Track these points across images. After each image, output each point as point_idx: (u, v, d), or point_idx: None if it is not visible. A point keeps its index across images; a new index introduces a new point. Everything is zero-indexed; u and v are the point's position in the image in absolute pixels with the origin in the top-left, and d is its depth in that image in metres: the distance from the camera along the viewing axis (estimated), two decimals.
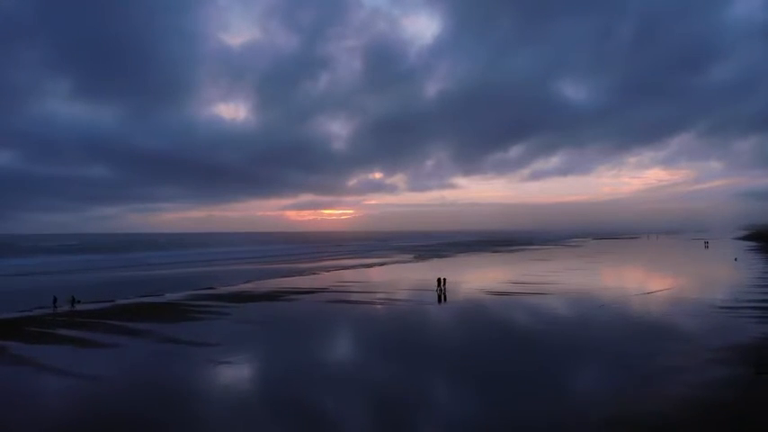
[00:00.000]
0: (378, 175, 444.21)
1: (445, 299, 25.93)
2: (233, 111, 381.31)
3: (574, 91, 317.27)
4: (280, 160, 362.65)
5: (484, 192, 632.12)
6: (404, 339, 16.38)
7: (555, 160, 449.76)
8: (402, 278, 35.62)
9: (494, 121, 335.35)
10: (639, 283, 30.50)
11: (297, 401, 10.54)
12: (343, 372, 12.76)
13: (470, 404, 10.51)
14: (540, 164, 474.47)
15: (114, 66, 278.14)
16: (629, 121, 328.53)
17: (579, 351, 14.29)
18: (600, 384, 11.63)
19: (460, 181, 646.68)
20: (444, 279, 28.41)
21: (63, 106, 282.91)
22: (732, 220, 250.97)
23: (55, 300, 24.72)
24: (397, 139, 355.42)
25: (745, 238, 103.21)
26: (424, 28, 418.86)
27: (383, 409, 10.15)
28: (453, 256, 66.46)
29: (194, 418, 9.87)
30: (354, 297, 25.97)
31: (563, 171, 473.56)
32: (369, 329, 18.32)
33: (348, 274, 39.59)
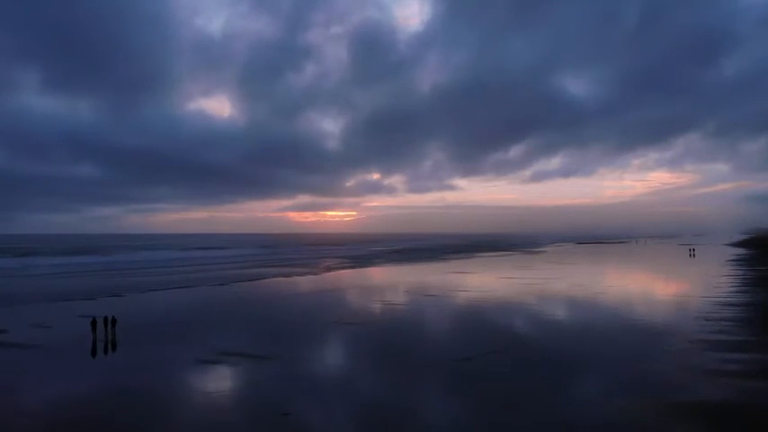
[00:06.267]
0: (375, 176, 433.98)
1: (113, 347, 15.62)
2: (218, 106, 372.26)
3: (575, 86, 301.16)
4: (273, 160, 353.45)
5: (485, 194, 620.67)
6: None
7: (556, 161, 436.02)
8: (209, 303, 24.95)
9: (492, 119, 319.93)
10: (507, 328, 19.24)
11: None
12: None
13: None
14: (542, 165, 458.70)
15: (87, 56, 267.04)
16: (634, 119, 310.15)
17: None
18: None
19: (460, 182, 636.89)
20: (113, 319, 17.43)
21: (37, 100, 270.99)
22: (735, 225, 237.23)
23: None
24: (392, 137, 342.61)
25: (738, 245, 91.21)
26: (414, 13, 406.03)
27: None
28: (383, 264, 55.56)
29: None
30: None
31: (565, 173, 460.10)
32: None
33: (164, 298, 28.67)
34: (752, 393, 10.56)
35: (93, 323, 17.06)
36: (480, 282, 35.51)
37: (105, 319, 17.38)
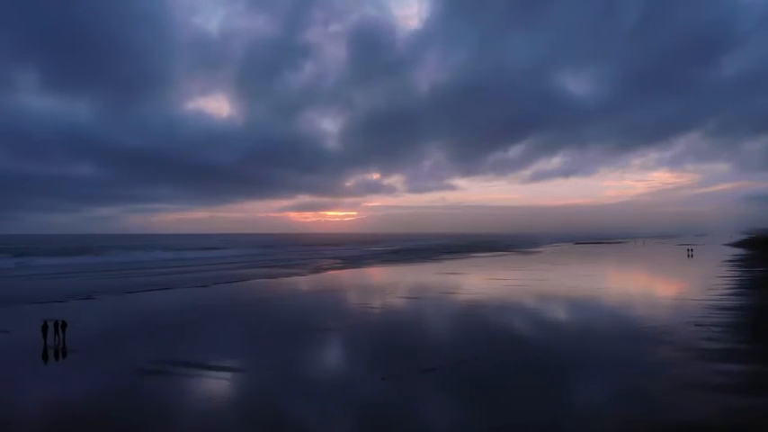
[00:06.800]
0: (375, 176, 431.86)
1: (63, 354, 14.97)
2: (217, 105, 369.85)
3: (575, 85, 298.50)
4: (273, 159, 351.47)
5: (485, 194, 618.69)
6: None
7: (557, 161, 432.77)
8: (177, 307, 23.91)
9: (492, 118, 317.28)
10: (485, 333, 18.23)
11: None
12: None
13: None
14: (542, 165, 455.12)
15: (85, 56, 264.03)
16: (634, 118, 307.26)
17: None
18: None
19: (460, 182, 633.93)
20: (63, 324, 16.53)
21: (35, 100, 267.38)
22: (735, 225, 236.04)
23: None
24: (392, 137, 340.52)
25: (737, 245, 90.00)
26: (413, 11, 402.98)
27: None
28: (376, 265, 54.61)
29: None
30: None
31: (565, 172, 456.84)
32: None
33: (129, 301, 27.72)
34: (735, 412, 9.56)
35: (44, 328, 16.19)
36: (468, 283, 34.51)
37: (56, 323, 16.48)
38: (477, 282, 35.70)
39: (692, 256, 63.38)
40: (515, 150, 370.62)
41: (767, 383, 11.30)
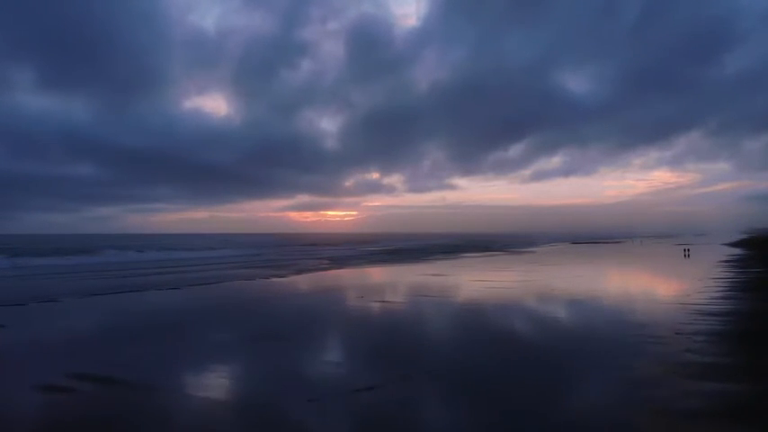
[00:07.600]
0: (375, 176, 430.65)
1: None
2: (215, 104, 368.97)
3: (575, 83, 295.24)
4: (272, 159, 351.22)
5: (485, 194, 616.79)
6: None
7: (556, 160, 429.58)
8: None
9: (492, 117, 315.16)
10: (447, 345, 16.87)
11: None
12: None
13: None
14: (542, 164, 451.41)
15: (81, 54, 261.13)
16: (635, 117, 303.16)
17: None
18: None
19: (460, 182, 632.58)
20: None
21: (32, 99, 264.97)
22: (736, 224, 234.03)
23: None
24: (390, 136, 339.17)
25: (735, 245, 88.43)
26: (411, 9, 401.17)
27: None
28: (363, 266, 53.36)
29: None
30: None
31: (565, 172, 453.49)
32: None
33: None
34: None
35: None
36: (449, 285, 33.03)
37: None
38: (459, 283, 34.26)
39: (688, 256, 61.99)
40: (515, 150, 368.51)
41: (748, 406, 9.85)
